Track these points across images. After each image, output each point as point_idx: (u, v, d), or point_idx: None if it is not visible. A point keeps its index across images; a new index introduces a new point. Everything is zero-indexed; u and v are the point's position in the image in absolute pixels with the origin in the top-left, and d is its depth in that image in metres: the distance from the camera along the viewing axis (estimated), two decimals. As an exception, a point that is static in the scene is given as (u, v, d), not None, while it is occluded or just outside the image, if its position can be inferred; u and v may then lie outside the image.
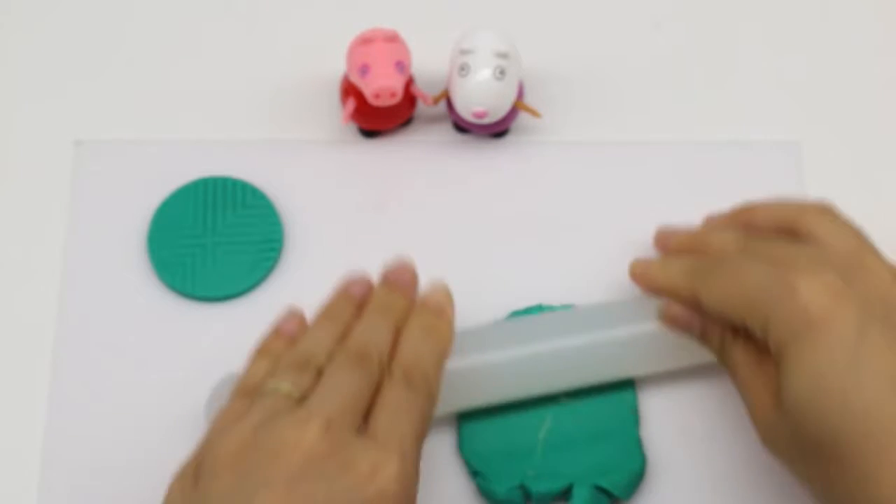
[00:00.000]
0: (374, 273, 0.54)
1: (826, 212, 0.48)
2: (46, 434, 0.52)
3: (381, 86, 0.53)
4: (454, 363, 0.48)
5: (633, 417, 0.52)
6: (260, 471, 0.41)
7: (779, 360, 0.43)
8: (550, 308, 0.53)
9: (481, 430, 0.51)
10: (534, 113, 0.56)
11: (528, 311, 0.53)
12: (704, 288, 0.47)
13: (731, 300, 0.45)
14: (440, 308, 0.48)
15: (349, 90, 0.55)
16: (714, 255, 0.49)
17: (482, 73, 0.53)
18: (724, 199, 0.57)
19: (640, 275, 0.51)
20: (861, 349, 0.42)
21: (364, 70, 0.53)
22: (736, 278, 0.46)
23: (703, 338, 0.49)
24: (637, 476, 0.50)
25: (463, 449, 0.51)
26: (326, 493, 0.40)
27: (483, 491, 0.51)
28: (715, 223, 0.52)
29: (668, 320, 0.49)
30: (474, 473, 0.51)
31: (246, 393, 0.45)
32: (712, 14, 0.61)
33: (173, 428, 0.52)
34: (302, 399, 0.43)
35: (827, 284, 0.43)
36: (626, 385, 0.52)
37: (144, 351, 0.54)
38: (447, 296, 0.49)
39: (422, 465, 0.51)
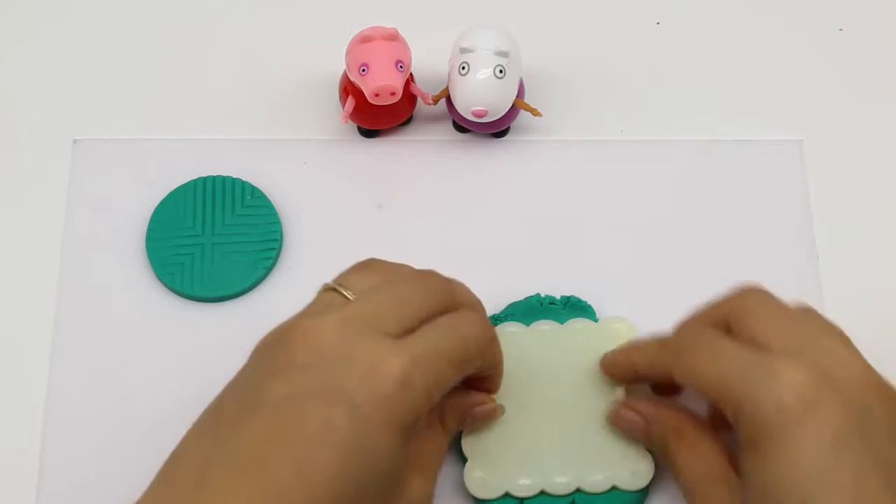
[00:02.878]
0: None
1: (762, 298, 0.46)
2: (44, 434, 0.52)
3: (381, 85, 0.53)
4: None
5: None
6: (272, 360, 0.42)
7: (747, 449, 0.42)
8: (549, 298, 0.53)
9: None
10: (534, 112, 0.56)
11: (527, 300, 0.53)
12: (680, 364, 0.45)
13: (706, 379, 0.44)
14: None
15: (348, 89, 0.55)
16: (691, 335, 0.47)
17: (482, 72, 0.53)
18: (725, 198, 0.57)
19: (612, 361, 0.50)
20: (832, 459, 0.40)
21: (364, 69, 0.53)
22: (713, 357, 0.44)
23: (646, 440, 0.48)
24: (644, 492, 0.50)
25: (462, 449, 0.51)
26: (321, 383, 0.41)
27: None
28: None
29: (613, 418, 0.49)
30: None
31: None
32: (713, 12, 0.61)
33: (172, 428, 0.52)
34: None
35: (808, 376, 0.42)
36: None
37: (142, 351, 0.54)
38: None
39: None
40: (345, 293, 0.45)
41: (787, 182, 0.57)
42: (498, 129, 0.57)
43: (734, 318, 0.45)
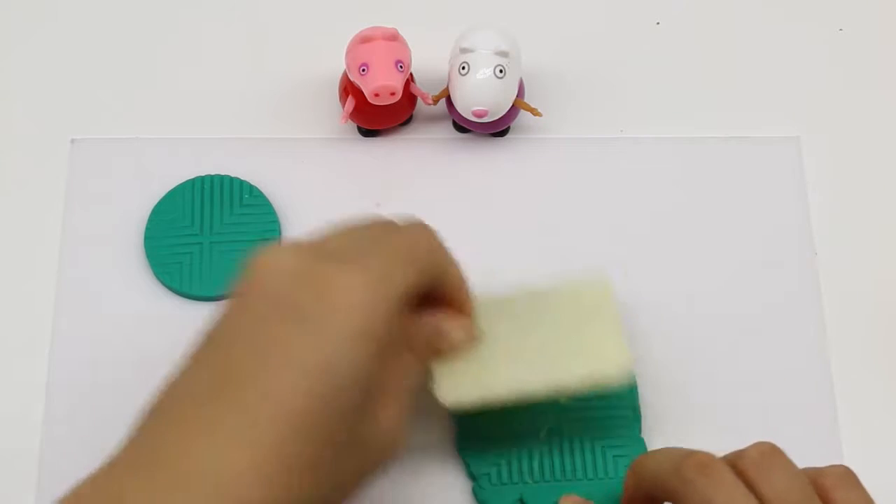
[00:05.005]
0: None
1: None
2: (44, 434, 0.52)
3: (381, 85, 0.53)
4: None
5: (635, 416, 0.51)
6: (233, 293, 0.42)
7: None
8: None
9: (481, 430, 0.51)
10: (534, 112, 0.56)
11: None
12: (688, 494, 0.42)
13: None
14: None
15: (348, 89, 0.55)
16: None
17: (482, 72, 0.53)
18: (724, 195, 0.57)
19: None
20: None
21: (363, 69, 0.53)
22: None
23: None
24: None
25: (461, 450, 0.51)
26: (279, 304, 0.40)
27: (480, 502, 0.50)
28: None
29: None
30: (472, 477, 0.51)
31: None
32: (713, 12, 0.61)
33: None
34: None
35: None
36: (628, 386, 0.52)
37: (141, 350, 0.53)
38: None
39: (422, 463, 0.51)
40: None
41: (786, 179, 0.57)
42: (498, 129, 0.57)
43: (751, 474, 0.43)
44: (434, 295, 0.46)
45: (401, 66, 0.53)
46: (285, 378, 0.39)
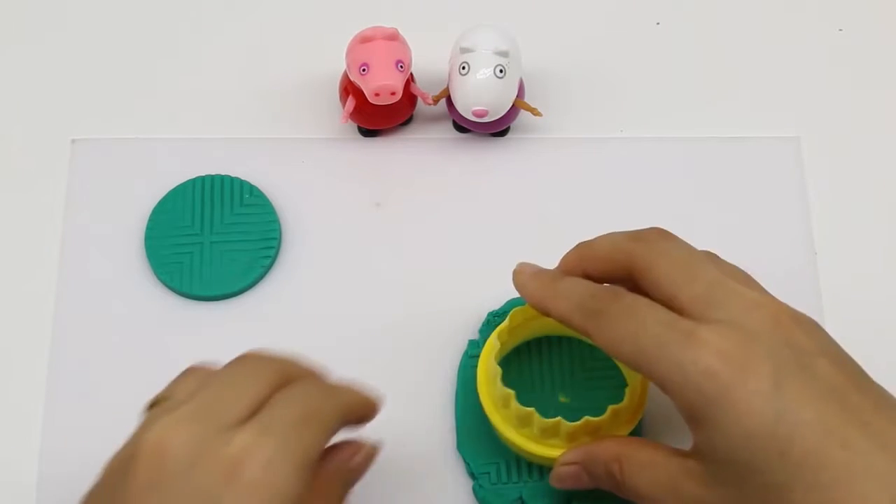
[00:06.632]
0: (373, 274, 0.54)
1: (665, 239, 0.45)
2: (44, 434, 0.52)
3: (381, 85, 0.53)
4: None
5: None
6: (120, 487, 0.39)
7: (696, 426, 0.41)
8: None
9: (481, 430, 0.51)
10: (534, 112, 0.56)
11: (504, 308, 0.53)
12: (598, 331, 0.43)
13: (625, 353, 0.43)
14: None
15: (349, 89, 0.55)
16: (608, 291, 0.44)
17: (482, 72, 0.53)
18: (723, 195, 0.57)
19: (530, 291, 0.47)
20: (783, 400, 0.40)
21: (364, 69, 0.53)
22: (630, 327, 0.42)
23: (593, 482, 0.46)
24: None
25: (461, 449, 0.51)
26: (177, 495, 0.37)
27: (480, 501, 0.50)
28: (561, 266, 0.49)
29: (557, 482, 0.47)
30: (472, 475, 0.51)
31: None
32: (713, 12, 0.61)
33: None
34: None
35: (728, 336, 0.41)
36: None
37: (142, 350, 0.54)
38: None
39: (423, 462, 0.51)
40: (169, 404, 0.41)
41: (785, 179, 0.57)
42: (498, 129, 0.57)
43: (637, 268, 0.44)
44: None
45: (401, 66, 0.53)
46: None
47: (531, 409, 0.47)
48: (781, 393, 0.40)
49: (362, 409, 0.44)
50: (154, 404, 0.42)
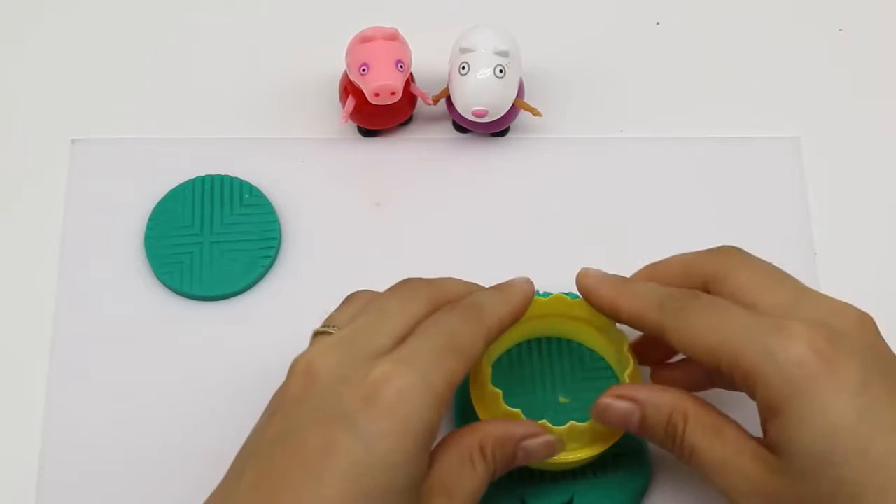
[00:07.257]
0: (373, 274, 0.54)
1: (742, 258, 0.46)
2: (44, 434, 0.52)
3: (381, 85, 0.53)
4: None
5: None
6: (273, 403, 0.43)
7: (775, 416, 0.41)
8: (547, 294, 0.52)
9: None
10: (534, 112, 0.56)
11: None
12: (677, 325, 0.44)
13: (706, 345, 0.43)
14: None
15: (348, 89, 0.55)
16: (687, 291, 0.45)
17: (482, 72, 0.53)
18: (723, 195, 0.57)
19: (602, 292, 0.47)
20: (867, 400, 0.40)
21: (364, 69, 0.53)
22: (714, 319, 0.43)
23: (643, 430, 0.45)
24: (642, 489, 0.50)
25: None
26: (317, 410, 0.40)
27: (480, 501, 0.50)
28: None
29: (600, 411, 0.46)
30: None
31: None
32: (713, 12, 0.61)
33: (171, 427, 0.52)
34: None
35: (818, 331, 0.41)
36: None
37: (142, 350, 0.54)
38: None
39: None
40: (331, 330, 0.44)
41: (785, 179, 0.57)
42: (498, 129, 0.57)
43: (715, 278, 0.45)
44: None
45: (401, 66, 0.53)
46: (322, 483, 0.39)
47: (517, 411, 0.46)
48: (867, 392, 0.40)
49: (508, 324, 0.46)
50: (319, 332, 0.45)
